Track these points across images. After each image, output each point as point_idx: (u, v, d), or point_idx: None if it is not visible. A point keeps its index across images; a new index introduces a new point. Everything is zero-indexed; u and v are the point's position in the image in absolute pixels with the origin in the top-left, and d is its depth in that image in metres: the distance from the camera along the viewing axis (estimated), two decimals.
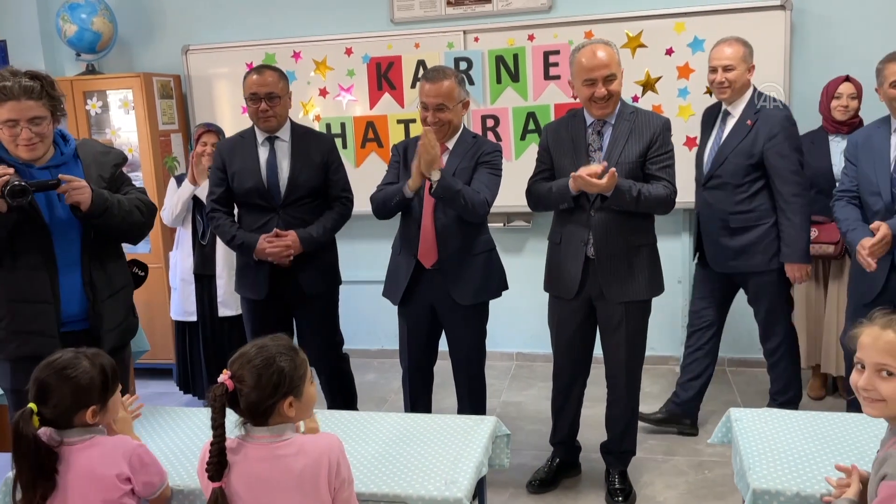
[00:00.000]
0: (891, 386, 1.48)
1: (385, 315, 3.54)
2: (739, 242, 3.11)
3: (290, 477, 1.62)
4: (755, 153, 3.03)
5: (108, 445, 1.76)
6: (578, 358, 2.87)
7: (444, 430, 2.12)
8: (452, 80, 2.74)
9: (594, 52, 2.60)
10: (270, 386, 1.61)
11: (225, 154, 3.07)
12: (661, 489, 2.95)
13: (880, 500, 1.44)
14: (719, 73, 3.12)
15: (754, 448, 1.92)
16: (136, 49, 4.74)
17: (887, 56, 2.83)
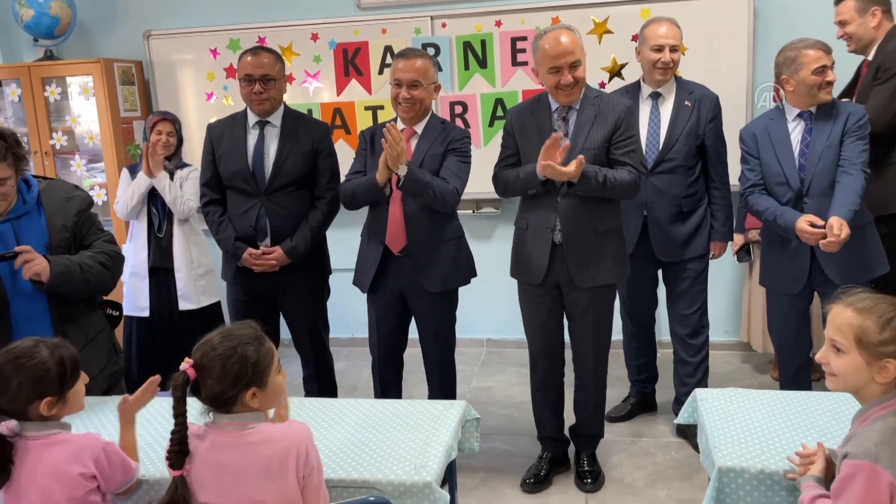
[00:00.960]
0: (839, 361, 1.54)
1: (354, 303, 3.51)
2: (688, 227, 3.12)
3: (257, 465, 1.60)
4: (700, 134, 3.05)
5: (76, 443, 1.72)
6: (552, 343, 2.87)
7: (413, 415, 2.11)
8: (427, 59, 2.75)
9: (558, 38, 2.58)
10: (232, 376, 1.59)
11: (214, 135, 3.05)
12: (629, 470, 2.99)
13: (841, 477, 1.48)
14: (666, 52, 3.02)
15: (719, 427, 1.95)
16: (96, 34, 4.63)
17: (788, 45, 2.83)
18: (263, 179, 2.95)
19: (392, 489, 1.77)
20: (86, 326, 2.35)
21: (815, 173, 2.76)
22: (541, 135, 2.68)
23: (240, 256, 2.97)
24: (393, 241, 2.77)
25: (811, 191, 2.77)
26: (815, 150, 2.78)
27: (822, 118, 2.80)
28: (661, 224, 3.11)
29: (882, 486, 1.41)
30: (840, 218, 2.58)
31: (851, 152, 2.73)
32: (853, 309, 1.52)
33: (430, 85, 2.74)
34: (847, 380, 1.54)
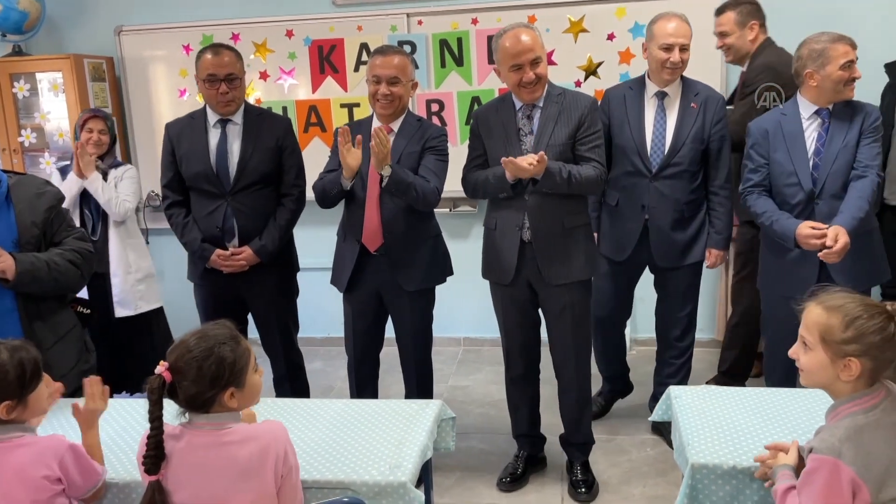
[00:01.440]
0: (806, 358, 1.56)
1: (330, 302, 3.49)
2: (689, 233, 3.01)
3: (235, 464, 1.59)
4: (705, 138, 2.93)
5: (39, 446, 1.69)
6: (526, 341, 2.85)
7: (389, 414, 2.10)
8: (405, 56, 2.74)
9: (518, 36, 2.57)
10: (210, 377, 1.58)
11: (173, 135, 2.98)
12: (605, 468, 3.00)
13: (805, 471, 1.51)
14: (676, 52, 2.84)
15: (693, 424, 1.96)
16: (66, 29, 4.56)
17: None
18: (228, 180, 2.90)
19: (367, 490, 1.75)
20: (55, 324, 2.31)
21: (829, 174, 2.66)
22: (506, 134, 2.68)
23: (208, 258, 2.93)
24: (369, 240, 2.75)
25: (824, 192, 2.67)
26: (832, 149, 2.67)
27: (840, 116, 2.69)
28: (663, 230, 2.99)
29: (843, 482, 1.43)
30: (841, 227, 2.51)
31: (867, 154, 2.64)
32: (823, 307, 1.54)
33: (408, 82, 2.73)
34: (813, 376, 1.57)
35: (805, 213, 2.70)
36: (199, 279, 3.05)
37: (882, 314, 1.48)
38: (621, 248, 3.08)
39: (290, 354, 3.19)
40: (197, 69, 2.89)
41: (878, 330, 1.47)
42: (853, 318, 1.49)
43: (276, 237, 2.95)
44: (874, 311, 1.49)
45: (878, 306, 1.49)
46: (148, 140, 4.45)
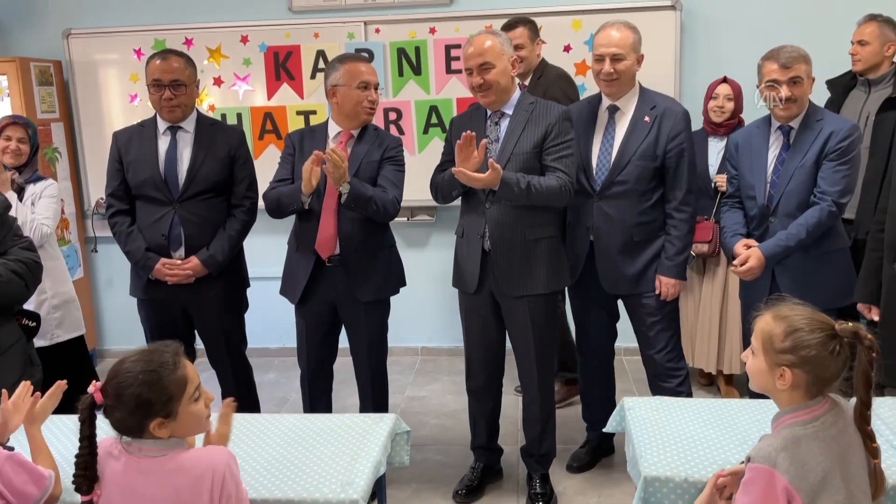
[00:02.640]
0: (750, 362, 1.60)
1: (284, 312, 3.41)
2: (642, 260, 2.77)
3: (169, 494, 1.53)
4: (657, 154, 2.70)
5: None
6: (489, 352, 2.83)
7: (342, 430, 2.06)
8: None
9: (472, 41, 2.63)
10: (132, 405, 1.51)
11: (121, 143, 2.90)
12: (560, 478, 3.00)
13: (743, 480, 1.52)
14: (607, 62, 2.67)
15: (646, 436, 1.96)
16: (12, 32, 4.42)
17: (767, 52, 2.70)
18: (177, 186, 2.83)
19: None
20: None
21: (784, 192, 2.65)
22: None
23: (151, 268, 2.83)
24: (322, 248, 2.72)
25: (778, 210, 2.67)
26: (789, 168, 2.66)
27: (803, 134, 2.66)
28: (609, 253, 2.78)
29: (777, 491, 1.45)
30: (757, 250, 2.64)
31: (827, 179, 2.59)
32: (772, 315, 1.56)
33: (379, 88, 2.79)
34: (755, 381, 1.60)
35: (761, 227, 2.75)
36: (142, 293, 2.95)
37: (825, 330, 1.49)
38: (572, 271, 2.87)
39: (238, 369, 3.10)
40: (146, 73, 2.83)
41: (817, 345, 1.48)
42: (793, 329, 1.51)
43: (225, 247, 2.88)
44: (817, 326, 1.50)
45: (825, 322, 1.51)
46: (97, 146, 4.33)
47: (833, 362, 1.49)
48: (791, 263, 2.68)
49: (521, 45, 3.43)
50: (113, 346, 4.68)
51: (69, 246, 4.37)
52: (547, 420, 2.84)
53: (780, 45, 2.68)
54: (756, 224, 2.76)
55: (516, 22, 3.49)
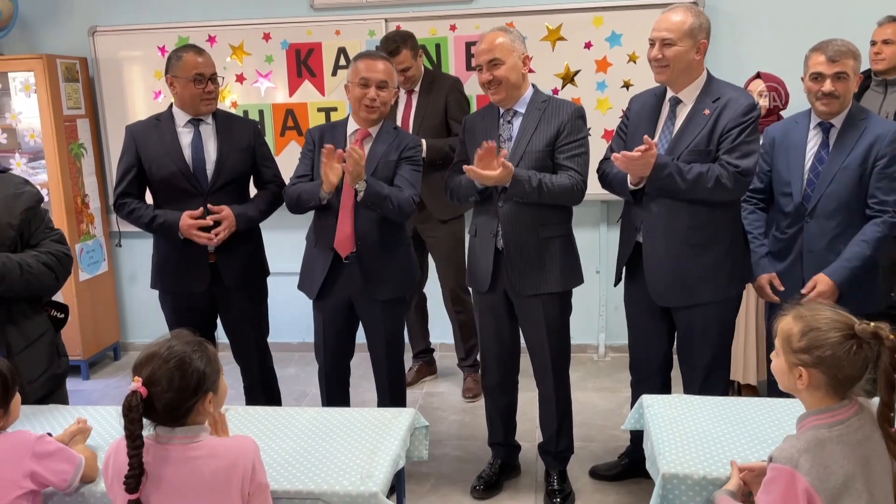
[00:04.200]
0: (775, 363, 1.60)
1: (304, 307, 3.43)
2: (697, 266, 2.54)
3: (201, 480, 1.56)
4: (711, 150, 2.48)
5: (8, 441, 1.70)
6: (504, 350, 2.83)
7: (361, 423, 2.09)
8: (390, 62, 2.75)
9: (483, 37, 2.63)
10: (191, 387, 1.56)
11: (137, 138, 2.90)
12: (578, 474, 3.00)
13: (764, 480, 1.53)
14: (656, 47, 2.50)
15: (665, 434, 1.96)
16: (39, 29, 4.49)
17: (815, 45, 2.60)
18: (206, 178, 2.85)
19: (338, 500, 1.74)
20: (27, 329, 2.25)
21: (824, 194, 2.55)
22: (487, 138, 2.65)
23: (175, 225, 2.77)
24: (340, 246, 2.74)
25: (816, 211, 2.58)
26: (830, 168, 2.56)
27: (847, 133, 2.55)
28: (659, 257, 2.58)
29: (798, 492, 1.45)
30: (824, 276, 2.52)
31: (883, 190, 2.49)
32: (793, 315, 1.56)
33: (393, 87, 2.74)
34: (780, 381, 1.60)
35: (794, 226, 2.66)
36: (163, 287, 2.97)
37: (842, 330, 1.48)
38: (617, 271, 2.81)
39: (264, 360, 3.15)
40: (175, 68, 2.82)
41: (832, 345, 1.47)
42: (810, 329, 1.51)
43: (258, 211, 2.91)
44: (835, 326, 1.49)
45: (844, 322, 1.50)
46: (121, 142, 4.36)
47: (850, 362, 1.48)
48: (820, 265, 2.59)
49: (408, 66, 3.55)
50: (136, 340, 4.75)
51: (94, 240, 4.44)
52: (563, 417, 2.84)
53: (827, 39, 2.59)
54: (790, 222, 2.68)
55: (397, 46, 3.51)
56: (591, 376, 4.13)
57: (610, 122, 3.93)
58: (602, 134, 4.05)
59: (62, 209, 4.17)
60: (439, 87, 3.64)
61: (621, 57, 4.04)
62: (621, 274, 2.82)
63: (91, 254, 4.41)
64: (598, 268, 4.29)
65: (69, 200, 4.22)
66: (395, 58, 3.46)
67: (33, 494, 1.70)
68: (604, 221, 4.28)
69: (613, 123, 3.59)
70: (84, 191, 4.36)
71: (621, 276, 2.83)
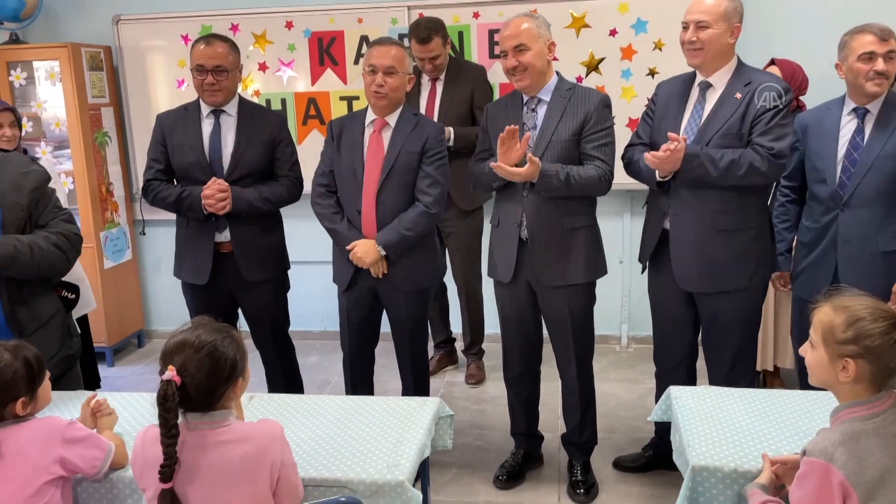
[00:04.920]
0: (810, 356, 1.56)
1: (327, 296, 3.44)
2: (726, 252, 2.51)
3: (231, 464, 1.57)
4: (743, 133, 2.44)
5: (38, 426, 1.71)
6: (526, 341, 2.82)
7: (386, 412, 2.08)
8: (402, 49, 2.70)
9: (508, 22, 2.59)
10: (224, 374, 1.58)
11: (166, 127, 2.93)
12: (602, 465, 2.99)
13: (798, 474, 1.50)
14: (690, 29, 2.47)
15: (693, 425, 1.94)
16: (64, 18, 4.51)
17: (854, 28, 2.55)
18: (221, 169, 2.86)
19: (364, 488, 1.74)
20: (38, 309, 2.24)
21: (861, 182, 2.49)
22: None
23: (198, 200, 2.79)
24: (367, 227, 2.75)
25: (852, 200, 2.52)
26: (868, 156, 2.50)
27: (885, 119, 2.49)
28: (687, 242, 2.55)
29: (833, 486, 1.42)
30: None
31: None
32: (831, 306, 1.52)
33: (404, 74, 2.69)
34: (815, 374, 1.56)
35: (829, 214, 2.60)
36: (187, 275, 2.99)
37: (888, 319, 1.46)
38: (642, 257, 2.78)
39: (284, 350, 3.16)
40: (190, 57, 2.86)
41: (880, 334, 1.45)
42: (855, 318, 1.48)
43: (258, 195, 2.86)
44: (880, 315, 1.47)
45: (887, 311, 1.47)
46: (145, 131, 4.34)
47: (892, 353, 1.45)
48: (856, 256, 2.55)
49: (437, 54, 3.54)
50: (160, 327, 4.79)
51: (118, 228, 4.47)
52: (587, 408, 2.82)
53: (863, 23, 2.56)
54: (823, 210, 2.62)
55: (429, 34, 3.49)
56: (614, 367, 4.10)
57: (635, 110, 3.88)
58: (626, 123, 4.00)
59: (87, 198, 4.20)
60: (465, 76, 3.61)
61: (647, 44, 3.99)
62: (646, 262, 2.78)
63: (115, 242, 4.44)
64: (622, 258, 4.25)
65: (94, 189, 4.25)
66: (426, 45, 3.45)
67: (62, 480, 1.71)
68: (627, 211, 4.24)
69: (638, 112, 3.51)
70: (108, 179, 4.39)
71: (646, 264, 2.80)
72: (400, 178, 2.70)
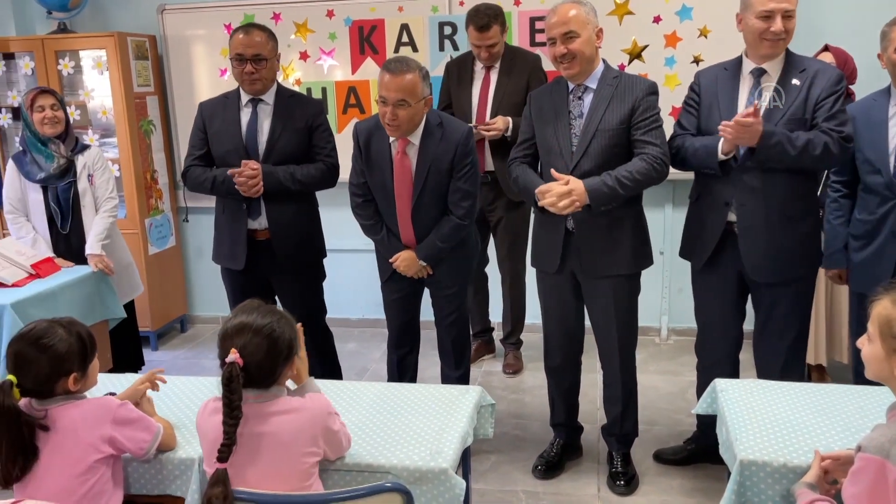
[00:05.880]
0: (867, 349, 1.53)
1: (366, 284, 3.47)
2: (793, 239, 2.49)
3: (290, 429, 1.64)
4: (807, 118, 2.41)
5: (90, 405, 1.76)
6: (568, 331, 2.80)
7: (428, 399, 2.09)
8: (416, 73, 2.55)
9: (556, 9, 2.53)
10: (283, 353, 1.65)
11: (206, 115, 2.99)
12: (642, 457, 2.96)
13: (852, 470, 1.47)
14: (778, 20, 2.37)
15: (741, 419, 1.91)
16: (110, 8, 4.58)
17: (894, 18, 2.51)
18: (258, 156, 2.89)
19: (408, 475, 1.75)
20: None
21: None
22: (556, 116, 2.61)
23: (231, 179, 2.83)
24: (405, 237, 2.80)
25: None
26: None
27: None
28: (757, 231, 2.50)
29: (889, 483, 1.39)
30: None
31: None
32: (891, 299, 1.48)
33: (417, 102, 2.57)
34: (871, 368, 1.53)
35: (885, 205, 2.53)
36: (226, 261, 3.04)
37: None
38: (699, 250, 2.66)
39: (320, 338, 3.18)
40: (229, 47, 2.89)
41: None
42: None
43: (289, 174, 2.89)
44: None
45: None
46: (189, 119, 4.38)
47: None
48: None
49: (495, 41, 3.49)
50: (202, 313, 4.87)
51: (162, 215, 4.55)
52: (628, 400, 2.80)
53: None
54: (879, 201, 2.55)
55: (488, 22, 3.44)
56: (654, 359, 4.06)
57: (678, 98, 3.76)
58: (669, 111, 3.93)
59: (132, 185, 4.28)
60: (520, 65, 3.54)
61: (692, 31, 3.91)
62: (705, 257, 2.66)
63: (160, 228, 4.52)
64: (663, 248, 4.20)
65: (139, 176, 4.33)
66: (485, 33, 3.42)
67: (113, 458, 1.76)
68: (669, 202, 4.18)
69: (682, 100, 3.47)
70: (153, 167, 4.46)
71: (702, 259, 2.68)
72: (431, 195, 2.71)
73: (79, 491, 1.68)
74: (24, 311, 2.73)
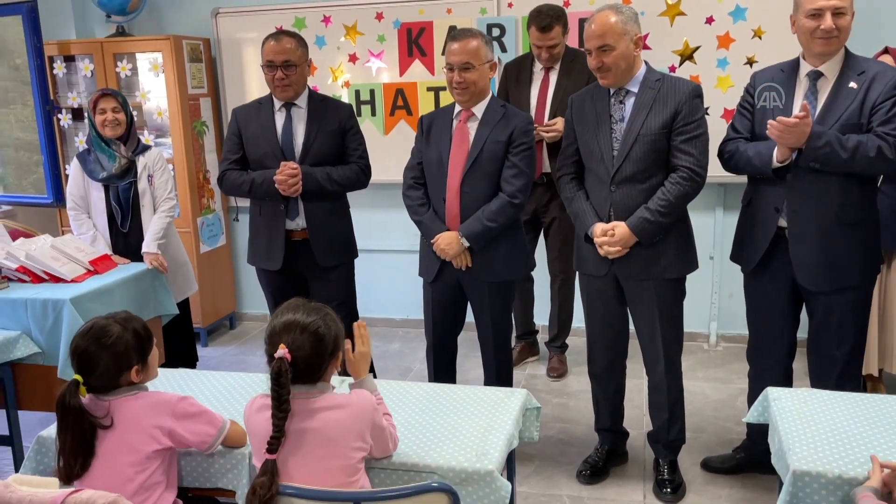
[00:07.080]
0: None
1: (409, 284, 3.48)
2: (848, 246, 2.42)
3: (328, 428, 1.66)
4: (863, 123, 2.35)
5: (150, 399, 1.82)
6: (612, 335, 2.77)
7: (473, 401, 2.09)
8: (479, 39, 2.66)
9: (592, 20, 2.50)
10: (329, 349, 1.69)
11: (241, 119, 3.07)
12: (689, 466, 2.91)
13: None
14: (828, 18, 2.31)
15: (794, 429, 1.86)
16: (167, 11, 4.71)
17: None
18: (294, 158, 2.97)
19: (453, 475, 1.75)
20: None
21: None
22: (597, 120, 2.59)
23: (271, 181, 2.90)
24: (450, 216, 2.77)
25: None
26: None
27: None
28: (810, 237, 2.44)
29: None
30: None
31: None
32: None
33: (483, 65, 2.66)
34: None
35: None
36: (262, 262, 3.11)
37: None
38: (749, 255, 2.63)
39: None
40: (261, 54, 2.96)
41: None
42: None
43: (326, 175, 2.97)
44: None
45: None
46: None
47: None
48: None
49: (556, 42, 3.48)
50: (250, 311, 4.96)
51: (213, 215, 4.65)
52: (675, 406, 2.75)
53: None
54: None
55: (550, 23, 3.44)
56: (702, 366, 3.99)
57: (731, 101, 3.74)
58: (721, 113, 3.87)
59: (185, 184, 4.38)
60: (580, 66, 3.50)
61: (745, 32, 3.84)
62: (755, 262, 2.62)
63: (211, 227, 4.62)
64: (713, 253, 4.12)
65: (192, 176, 4.43)
66: (547, 34, 3.43)
67: (169, 451, 1.81)
68: (720, 205, 4.10)
69: (735, 102, 3.37)
70: (205, 167, 4.57)
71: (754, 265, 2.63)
72: (484, 168, 2.70)
73: (135, 480, 1.73)
74: (81, 305, 2.81)
